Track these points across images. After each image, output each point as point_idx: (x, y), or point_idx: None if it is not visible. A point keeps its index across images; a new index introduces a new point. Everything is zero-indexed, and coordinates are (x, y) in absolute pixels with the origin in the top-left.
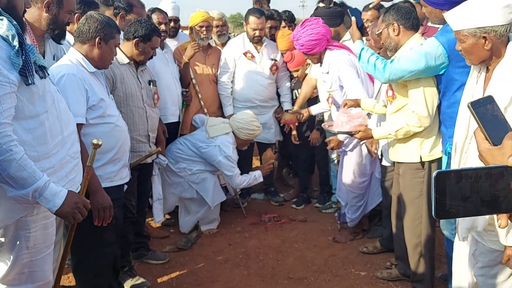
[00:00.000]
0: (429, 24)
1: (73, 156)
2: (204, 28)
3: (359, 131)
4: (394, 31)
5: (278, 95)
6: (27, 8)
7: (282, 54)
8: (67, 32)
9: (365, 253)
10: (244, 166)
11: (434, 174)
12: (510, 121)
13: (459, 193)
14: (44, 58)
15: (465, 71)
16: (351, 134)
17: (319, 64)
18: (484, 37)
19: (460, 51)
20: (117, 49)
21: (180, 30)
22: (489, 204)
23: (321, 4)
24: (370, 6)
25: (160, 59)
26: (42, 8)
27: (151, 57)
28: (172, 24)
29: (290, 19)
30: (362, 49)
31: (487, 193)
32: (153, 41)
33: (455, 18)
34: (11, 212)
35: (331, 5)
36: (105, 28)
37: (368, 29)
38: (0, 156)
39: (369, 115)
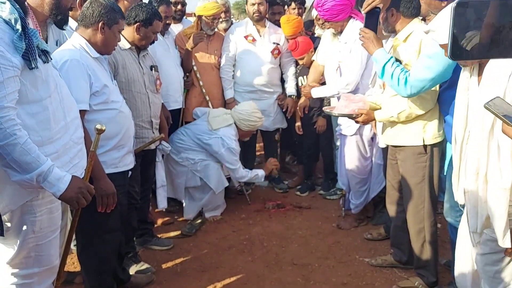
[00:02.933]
0: None
1: (76, 141)
2: (216, 21)
3: (361, 114)
4: (392, 16)
5: (282, 81)
6: None
7: (286, 39)
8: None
9: (370, 240)
10: (248, 153)
11: (453, 4)
12: None
13: (481, 43)
14: (47, 44)
15: None
16: (352, 117)
17: (336, 36)
18: None
19: None
20: None
21: (184, 17)
22: None
23: None
24: None
25: (161, 45)
26: None
27: (153, 42)
28: (179, 7)
29: (300, 1)
30: (386, 62)
31: None
32: (154, 25)
33: (440, 32)
34: (16, 196)
35: None
36: (109, 12)
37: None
38: (4, 140)
39: None
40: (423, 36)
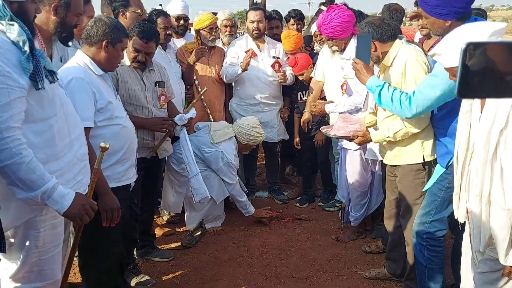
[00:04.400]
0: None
1: (80, 158)
2: (213, 30)
3: (357, 136)
4: (372, 46)
5: (284, 95)
6: (37, 14)
7: (286, 53)
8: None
9: (368, 253)
10: (249, 163)
11: (463, 45)
12: (506, 144)
13: (489, 84)
14: (51, 60)
15: None
16: (349, 139)
17: (338, 52)
18: None
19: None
20: None
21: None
22: None
23: (323, 7)
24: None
25: (162, 59)
26: (50, 11)
27: (143, 63)
28: (181, 22)
29: (299, 17)
30: (382, 88)
31: None
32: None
33: (447, 56)
34: (20, 213)
35: None
36: (113, 31)
37: None
38: (10, 159)
39: None
40: (407, 57)
